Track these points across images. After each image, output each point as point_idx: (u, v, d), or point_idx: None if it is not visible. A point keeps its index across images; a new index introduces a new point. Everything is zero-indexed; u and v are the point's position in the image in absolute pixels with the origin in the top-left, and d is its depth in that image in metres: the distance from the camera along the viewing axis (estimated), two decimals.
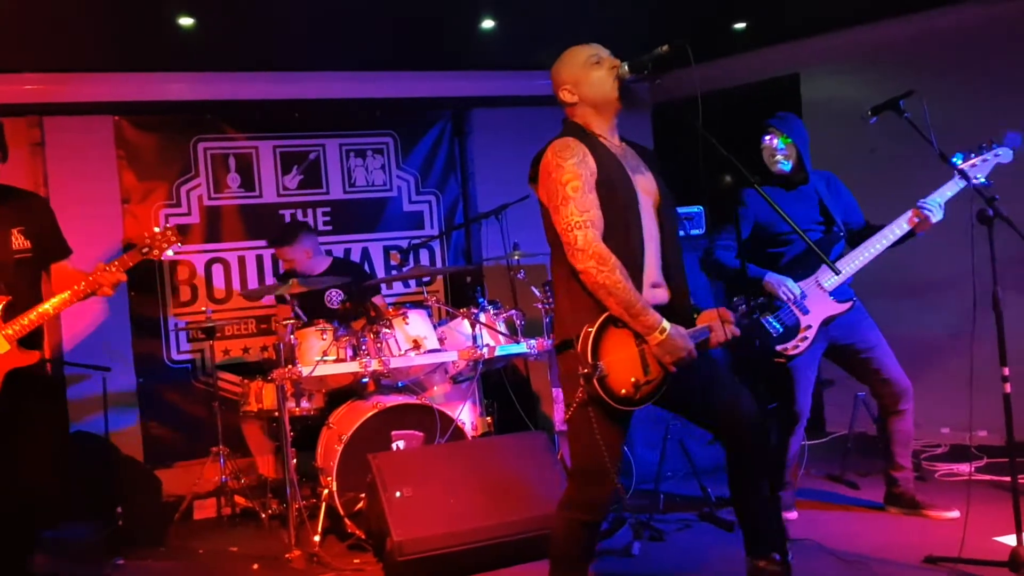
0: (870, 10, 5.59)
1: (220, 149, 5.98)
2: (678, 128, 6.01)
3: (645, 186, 2.80)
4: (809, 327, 3.93)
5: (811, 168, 4.09)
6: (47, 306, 3.43)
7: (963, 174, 3.69)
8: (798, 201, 4.03)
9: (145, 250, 3.59)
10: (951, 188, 3.84)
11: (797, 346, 3.93)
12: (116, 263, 3.50)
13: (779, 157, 4.04)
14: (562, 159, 2.68)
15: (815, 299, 3.94)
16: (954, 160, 3.77)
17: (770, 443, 2.88)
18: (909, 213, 3.87)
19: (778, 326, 3.92)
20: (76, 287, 3.45)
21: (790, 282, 3.92)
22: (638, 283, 2.68)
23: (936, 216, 3.83)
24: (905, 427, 4.05)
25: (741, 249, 3.99)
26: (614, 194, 2.69)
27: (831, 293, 3.94)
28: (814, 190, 4.08)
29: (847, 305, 3.96)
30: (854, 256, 3.94)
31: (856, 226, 4.12)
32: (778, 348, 3.92)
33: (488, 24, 5.40)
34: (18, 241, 3.49)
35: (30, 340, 3.47)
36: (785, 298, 3.90)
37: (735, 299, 2.99)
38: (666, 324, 2.63)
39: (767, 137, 4.07)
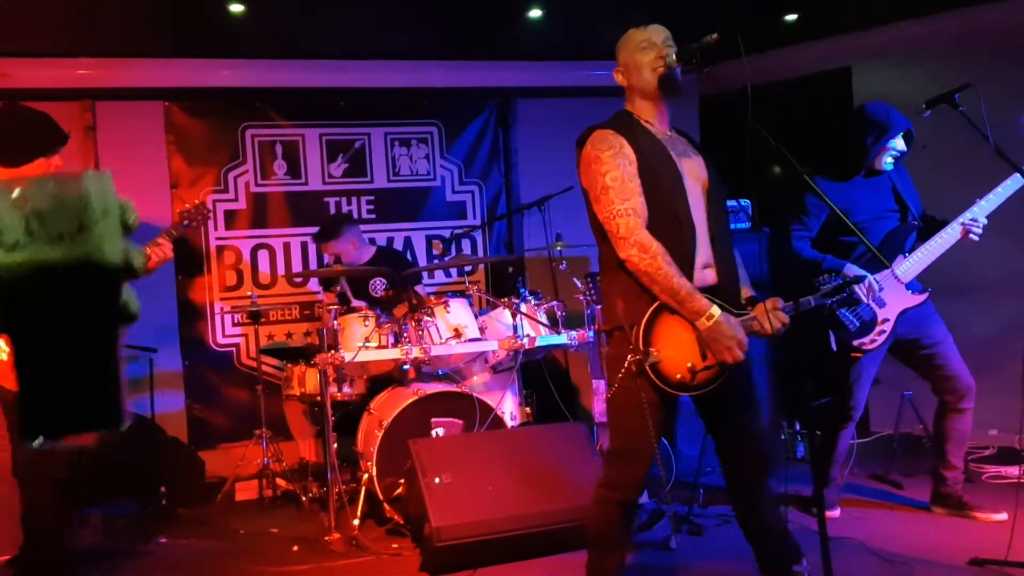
0: (924, 3, 5.47)
1: (267, 136, 6.03)
2: (726, 119, 5.95)
3: (692, 170, 2.78)
4: (887, 320, 3.86)
5: None
6: None
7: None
8: (872, 188, 3.98)
9: (187, 224, 3.52)
10: (1008, 188, 3.76)
11: (875, 340, 3.86)
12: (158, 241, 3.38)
13: (888, 159, 3.98)
14: (599, 151, 2.69)
15: (891, 291, 3.86)
16: None
17: (771, 472, 2.83)
18: (959, 227, 3.81)
19: (855, 320, 3.85)
20: None
21: (869, 276, 3.84)
22: (690, 265, 2.66)
23: (980, 228, 3.80)
24: (963, 427, 3.96)
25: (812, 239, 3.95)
26: (658, 180, 2.68)
27: (907, 285, 3.87)
28: (887, 176, 4.01)
29: (923, 297, 3.89)
30: (920, 253, 3.86)
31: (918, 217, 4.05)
32: (855, 343, 3.85)
33: (535, 13, 5.38)
34: None
35: None
36: (864, 292, 3.80)
37: (819, 279, 2.92)
38: (715, 311, 2.58)
39: None
